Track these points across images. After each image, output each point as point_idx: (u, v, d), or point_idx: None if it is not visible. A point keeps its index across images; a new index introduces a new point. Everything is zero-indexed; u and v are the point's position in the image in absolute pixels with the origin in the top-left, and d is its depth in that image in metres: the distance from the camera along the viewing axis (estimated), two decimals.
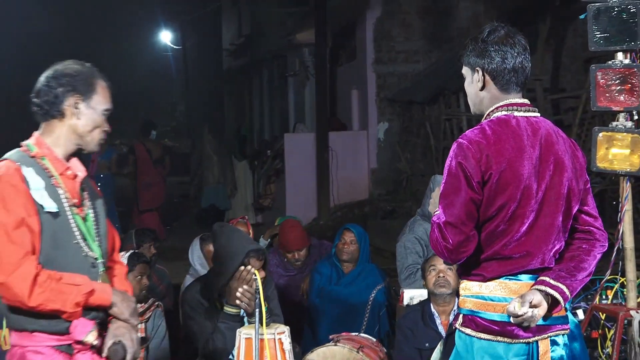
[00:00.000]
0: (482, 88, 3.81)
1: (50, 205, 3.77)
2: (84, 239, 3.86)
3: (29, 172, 3.77)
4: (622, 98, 5.74)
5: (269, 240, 9.06)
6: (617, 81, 5.72)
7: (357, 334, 6.91)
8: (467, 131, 3.76)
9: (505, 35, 3.75)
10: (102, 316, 3.85)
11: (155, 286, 7.83)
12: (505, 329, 3.66)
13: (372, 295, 7.54)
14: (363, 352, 6.22)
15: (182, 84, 33.35)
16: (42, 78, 3.94)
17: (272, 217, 16.93)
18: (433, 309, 6.27)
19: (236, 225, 7.55)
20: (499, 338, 3.66)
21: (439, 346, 4.17)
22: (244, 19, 29.23)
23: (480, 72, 3.78)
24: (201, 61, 32.99)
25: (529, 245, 3.67)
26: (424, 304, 6.37)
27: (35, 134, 3.95)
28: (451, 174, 3.66)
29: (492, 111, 3.78)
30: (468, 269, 3.76)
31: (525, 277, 3.70)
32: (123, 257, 6.58)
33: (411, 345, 6.17)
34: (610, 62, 5.80)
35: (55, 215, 3.78)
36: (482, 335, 3.69)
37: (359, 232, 7.86)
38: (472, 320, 3.73)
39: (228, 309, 5.87)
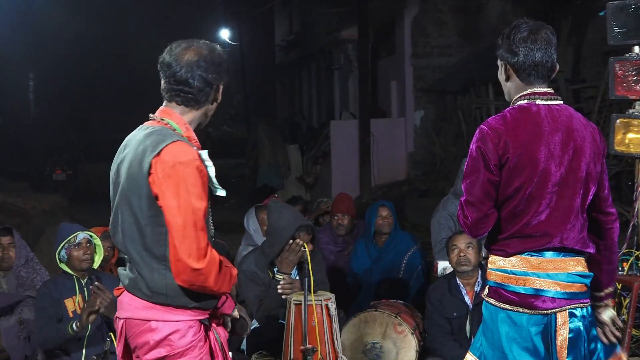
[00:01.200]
0: (507, 79, 3.76)
1: (221, 190, 3.54)
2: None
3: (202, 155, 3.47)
4: (638, 87, 5.70)
5: (313, 220, 9.11)
6: (634, 72, 5.67)
7: (395, 300, 6.91)
8: (489, 118, 3.72)
9: (529, 32, 3.68)
10: None
11: None
12: (525, 300, 3.61)
13: (405, 259, 7.53)
14: (400, 317, 6.21)
15: (239, 76, 33.43)
16: (187, 65, 3.48)
17: (318, 194, 16.99)
18: (458, 281, 6.24)
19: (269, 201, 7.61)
20: (519, 309, 3.61)
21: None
22: (294, 18, 29.24)
23: (506, 66, 3.74)
24: (256, 56, 33.07)
25: (549, 225, 3.61)
26: (450, 277, 6.32)
27: (171, 111, 3.55)
28: (472, 157, 3.64)
29: (516, 99, 3.72)
30: (494, 245, 3.72)
31: (549, 254, 3.63)
32: None
33: (440, 314, 6.15)
34: (627, 55, 5.75)
35: (212, 198, 3.53)
36: (505, 306, 3.64)
37: (390, 205, 7.85)
38: (496, 291, 3.68)
39: (279, 277, 5.90)
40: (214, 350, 3.57)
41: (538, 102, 3.67)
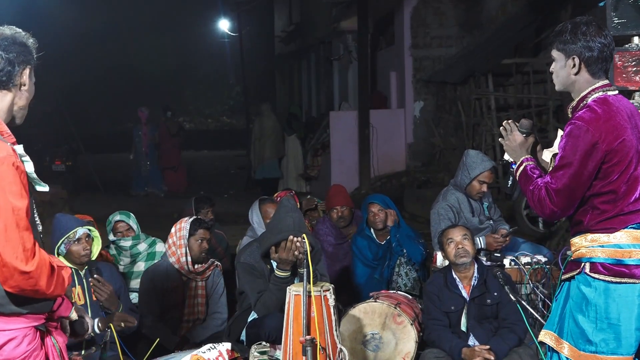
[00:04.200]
0: (577, 73, 4.00)
1: (42, 186, 3.35)
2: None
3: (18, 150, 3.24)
4: (637, 78, 5.69)
5: None
6: (633, 63, 5.66)
7: (394, 291, 6.91)
8: (580, 112, 3.94)
9: (599, 28, 3.99)
10: None
11: (214, 248, 7.88)
12: (632, 271, 3.87)
13: (406, 255, 7.54)
14: (400, 308, 6.23)
15: (238, 67, 33.40)
16: None
17: (318, 186, 16.99)
18: (455, 275, 6.25)
19: (283, 196, 7.58)
20: (628, 280, 3.86)
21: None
22: (294, 9, 29.18)
23: (577, 60, 3.98)
24: (255, 47, 33.02)
25: None
26: (445, 271, 6.34)
27: None
28: (569, 148, 3.87)
29: (590, 93, 3.99)
30: (597, 224, 3.94)
31: None
32: (186, 223, 6.62)
33: (438, 309, 6.17)
34: (627, 46, 5.74)
35: (34, 195, 3.35)
36: (614, 279, 3.88)
37: (381, 200, 7.84)
38: (604, 266, 3.90)
39: (279, 273, 5.90)
40: (51, 357, 3.41)
41: (609, 93, 3.99)
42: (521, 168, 4.11)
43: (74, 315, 3.61)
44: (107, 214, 7.45)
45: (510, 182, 4.31)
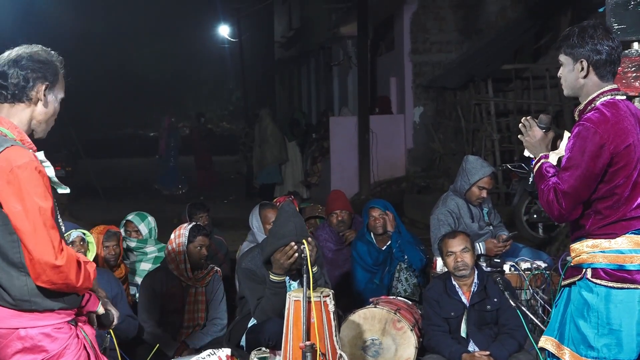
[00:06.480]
0: (585, 76, 3.99)
1: (63, 188, 3.58)
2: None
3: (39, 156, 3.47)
4: (637, 84, 5.70)
5: None
6: (633, 69, 5.66)
7: (394, 297, 6.91)
8: (588, 114, 3.93)
9: (606, 31, 3.98)
10: None
11: (214, 253, 7.87)
12: (634, 276, 3.86)
13: (407, 262, 7.53)
14: (400, 314, 6.22)
15: (238, 73, 33.44)
16: (7, 62, 3.47)
17: (319, 192, 16.98)
18: (454, 282, 6.24)
19: (283, 201, 7.57)
20: (630, 285, 3.86)
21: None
22: (293, 14, 29.22)
23: (585, 63, 3.96)
24: (255, 52, 33.06)
25: None
26: (445, 278, 6.33)
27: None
28: (577, 149, 3.86)
29: (598, 96, 3.97)
30: (598, 230, 3.94)
31: None
32: (185, 229, 6.62)
33: (438, 315, 6.17)
34: (626, 51, 5.74)
35: (56, 197, 3.52)
36: (616, 285, 3.87)
37: (382, 205, 7.82)
38: (606, 271, 3.90)
39: (273, 277, 5.88)
40: (86, 349, 3.56)
41: (617, 97, 3.99)
42: (537, 165, 4.09)
43: (101, 310, 3.74)
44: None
45: (531, 180, 4.28)
